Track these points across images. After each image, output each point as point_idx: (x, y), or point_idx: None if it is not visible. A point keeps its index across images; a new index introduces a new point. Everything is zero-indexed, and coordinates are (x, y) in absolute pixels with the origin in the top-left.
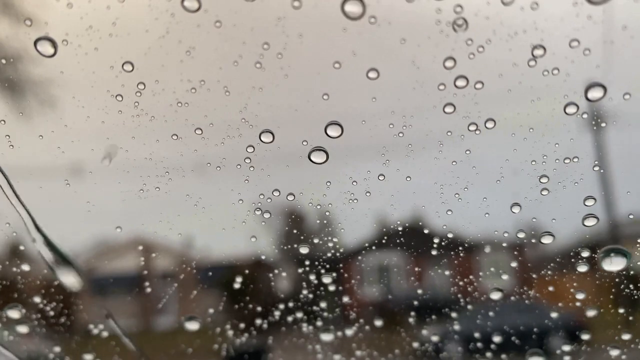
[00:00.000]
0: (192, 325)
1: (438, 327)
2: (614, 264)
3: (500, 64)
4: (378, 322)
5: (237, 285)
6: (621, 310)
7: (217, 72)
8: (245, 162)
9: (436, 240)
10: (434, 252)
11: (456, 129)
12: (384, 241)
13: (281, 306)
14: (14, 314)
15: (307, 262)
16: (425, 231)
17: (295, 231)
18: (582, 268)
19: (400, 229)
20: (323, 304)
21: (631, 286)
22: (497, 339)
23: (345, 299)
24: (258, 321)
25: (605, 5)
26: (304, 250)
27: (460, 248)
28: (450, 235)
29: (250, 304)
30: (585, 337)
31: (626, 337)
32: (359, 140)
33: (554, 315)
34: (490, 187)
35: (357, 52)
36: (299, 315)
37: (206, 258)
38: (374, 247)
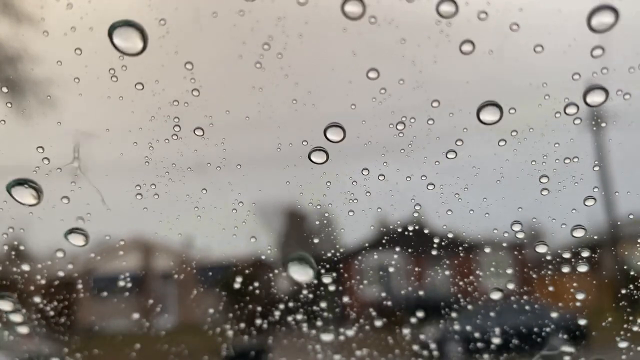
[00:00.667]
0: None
1: (438, 327)
2: None
3: (500, 64)
4: (378, 323)
5: (237, 286)
6: (621, 310)
7: (217, 72)
8: (245, 162)
9: (436, 240)
10: (434, 252)
11: (456, 129)
12: (384, 241)
13: (281, 306)
14: (15, 317)
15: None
16: (425, 231)
17: (295, 231)
18: (582, 268)
19: (400, 229)
20: (323, 304)
21: (631, 286)
22: (497, 339)
23: (345, 299)
24: (258, 321)
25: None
26: (303, 250)
27: (460, 248)
28: (450, 235)
29: (250, 304)
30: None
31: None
32: (359, 140)
33: (554, 315)
34: (490, 187)
35: (357, 52)
36: (299, 315)
37: (206, 258)
38: (374, 247)
